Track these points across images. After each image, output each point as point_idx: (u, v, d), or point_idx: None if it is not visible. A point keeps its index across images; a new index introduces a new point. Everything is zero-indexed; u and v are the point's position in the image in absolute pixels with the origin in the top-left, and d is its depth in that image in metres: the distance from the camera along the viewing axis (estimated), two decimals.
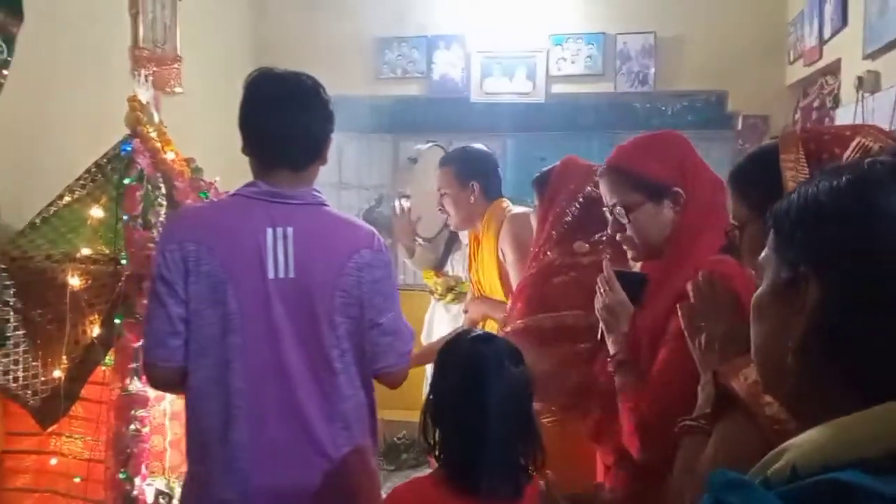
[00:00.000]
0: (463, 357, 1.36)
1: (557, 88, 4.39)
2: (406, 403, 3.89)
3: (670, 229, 1.42)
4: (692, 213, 1.41)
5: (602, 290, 1.43)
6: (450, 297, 3.01)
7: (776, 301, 0.62)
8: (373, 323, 1.57)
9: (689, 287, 1.18)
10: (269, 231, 1.51)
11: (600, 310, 1.44)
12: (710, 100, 4.40)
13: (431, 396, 1.38)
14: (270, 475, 1.48)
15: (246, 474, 1.47)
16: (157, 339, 1.49)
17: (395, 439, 4.14)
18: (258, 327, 1.48)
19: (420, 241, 3.12)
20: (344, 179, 4.86)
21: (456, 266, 3.03)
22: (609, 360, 1.42)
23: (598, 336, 1.49)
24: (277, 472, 1.49)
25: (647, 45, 4.20)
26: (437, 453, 1.36)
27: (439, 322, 3.04)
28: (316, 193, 1.63)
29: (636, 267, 1.53)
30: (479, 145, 2.85)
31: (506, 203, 2.62)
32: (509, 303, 2.18)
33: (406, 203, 3.14)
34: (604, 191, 1.52)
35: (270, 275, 1.49)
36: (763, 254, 0.65)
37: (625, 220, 1.45)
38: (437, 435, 1.36)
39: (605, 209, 1.51)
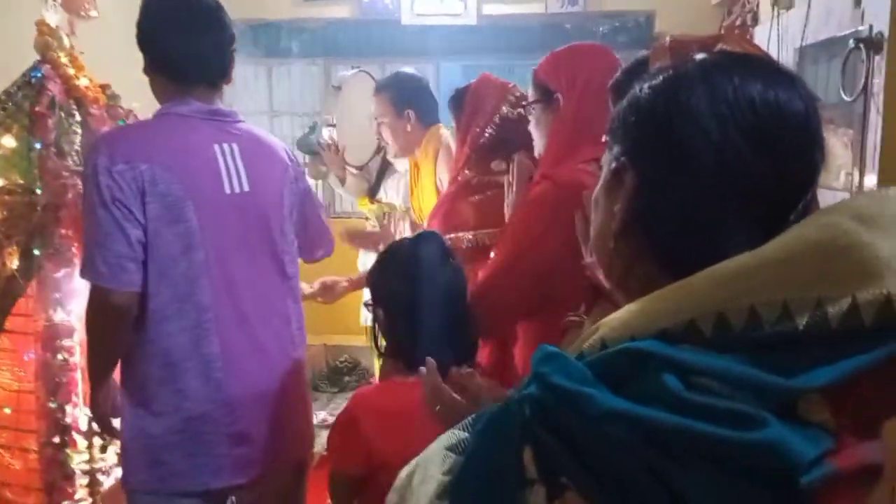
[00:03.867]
0: (406, 255, 1.42)
1: (489, 9, 4.35)
2: (346, 328, 3.99)
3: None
4: (568, 120, 1.46)
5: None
6: (385, 222, 3.04)
7: (605, 193, 0.68)
8: (316, 218, 1.78)
9: (584, 193, 1.24)
10: (217, 147, 1.54)
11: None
12: (639, 20, 4.43)
13: (383, 304, 1.43)
14: (244, 381, 1.54)
15: (221, 383, 1.51)
16: (117, 263, 1.43)
17: (337, 363, 4.23)
18: (219, 242, 1.50)
19: (351, 169, 3.12)
20: (275, 107, 4.78)
21: (389, 192, 3.04)
22: None
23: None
24: (249, 377, 1.55)
25: None
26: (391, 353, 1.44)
27: None
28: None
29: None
30: (410, 70, 2.84)
31: (443, 129, 2.64)
32: (425, 221, 2.22)
33: (333, 132, 3.12)
34: None
35: (227, 190, 1.53)
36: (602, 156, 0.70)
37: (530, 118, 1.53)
38: (391, 340, 1.44)
39: None
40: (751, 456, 0.46)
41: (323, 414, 3.54)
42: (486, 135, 1.89)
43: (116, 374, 1.64)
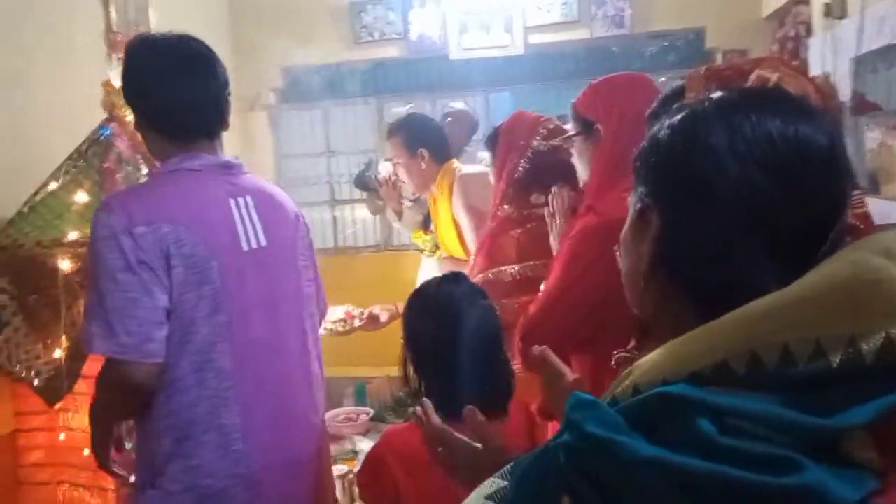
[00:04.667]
0: (433, 298, 1.41)
1: (535, 39, 4.38)
2: None
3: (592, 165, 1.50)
4: (608, 151, 1.46)
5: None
6: (438, 253, 3.08)
7: (632, 234, 0.68)
8: (316, 273, 1.69)
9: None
10: (232, 202, 1.46)
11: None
12: (689, 38, 4.38)
13: (409, 345, 1.43)
14: (265, 452, 1.44)
15: (242, 455, 1.40)
16: (142, 332, 1.30)
17: (400, 394, 4.25)
18: (240, 302, 1.41)
19: (406, 202, 3.18)
20: (332, 147, 4.90)
21: None
22: None
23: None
24: (271, 447, 1.45)
25: None
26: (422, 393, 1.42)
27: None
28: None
29: None
30: (415, 111, 3.00)
31: (455, 164, 2.70)
32: (471, 259, 2.25)
33: (389, 167, 3.19)
34: None
35: (244, 246, 1.44)
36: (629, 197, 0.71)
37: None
38: (420, 380, 1.42)
39: None
40: (789, 502, 0.46)
41: None
42: (521, 169, 1.91)
43: None
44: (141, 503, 1.45)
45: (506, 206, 1.92)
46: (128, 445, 1.65)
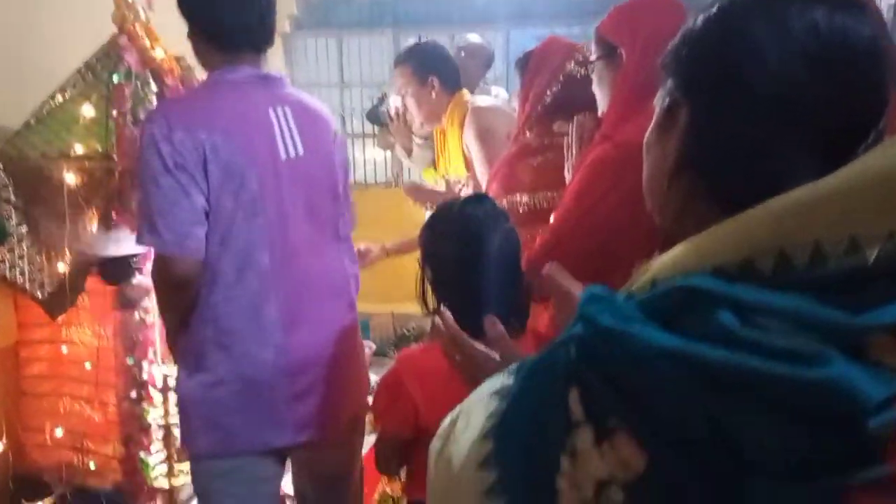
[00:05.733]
0: (456, 218, 1.36)
1: None
2: (413, 297, 4.03)
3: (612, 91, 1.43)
4: (630, 77, 1.39)
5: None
6: None
7: (658, 133, 0.64)
8: (348, 189, 1.75)
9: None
10: (272, 112, 1.53)
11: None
12: None
13: (429, 265, 1.39)
14: (303, 346, 1.54)
15: (281, 349, 1.51)
16: (182, 230, 1.40)
17: (404, 331, 4.27)
18: (278, 208, 1.50)
19: (416, 139, 3.11)
20: (346, 78, 4.81)
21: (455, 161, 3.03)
22: None
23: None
24: (309, 342, 1.55)
25: None
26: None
27: None
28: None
29: None
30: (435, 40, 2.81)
31: (467, 95, 2.59)
32: (484, 184, 2.20)
33: (398, 102, 3.12)
34: None
35: (282, 155, 1.52)
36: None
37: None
38: (438, 301, 1.38)
39: None
40: (812, 395, 0.43)
41: None
42: (549, 94, 1.84)
43: None
44: (189, 386, 1.53)
45: (527, 133, 1.85)
46: None
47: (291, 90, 1.63)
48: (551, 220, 1.54)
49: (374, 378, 3.41)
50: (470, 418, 0.60)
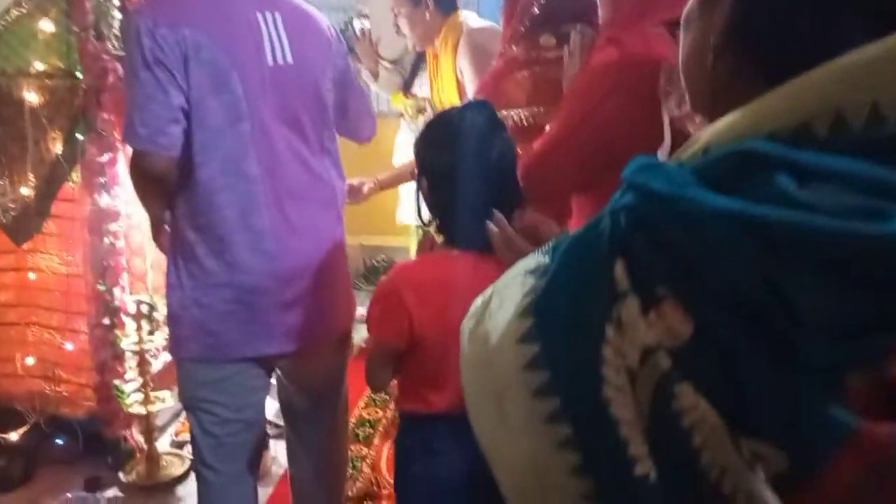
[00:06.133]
0: (456, 125, 1.32)
1: None
2: (383, 228, 3.99)
3: None
4: None
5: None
6: (421, 118, 2.96)
7: (700, 7, 0.62)
8: (357, 98, 1.72)
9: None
10: (260, 16, 1.46)
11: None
12: None
13: (426, 175, 1.36)
14: (293, 253, 1.52)
15: (272, 255, 1.49)
16: (156, 125, 1.37)
17: (374, 262, 4.26)
18: (263, 114, 1.46)
19: (384, 63, 3.03)
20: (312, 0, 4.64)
21: (425, 86, 2.96)
22: None
23: None
24: (299, 250, 1.53)
25: None
26: (436, 224, 1.37)
27: (411, 144, 3.02)
28: None
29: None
30: None
31: (462, 15, 2.52)
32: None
33: (366, 24, 3.01)
34: None
35: (269, 61, 1.46)
36: None
37: None
38: (435, 210, 1.36)
39: None
40: (873, 252, 0.43)
41: (361, 310, 3.56)
42: (536, 7, 1.77)
43: None
44: (181, 292, 1.51)
45: (513, 47, 1.81)
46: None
47: None
48: (546, 130, 1.51)
49: None
50: (504, 297, 0.59)
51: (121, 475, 2.32)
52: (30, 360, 2.27)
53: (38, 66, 2.18)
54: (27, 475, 2.30)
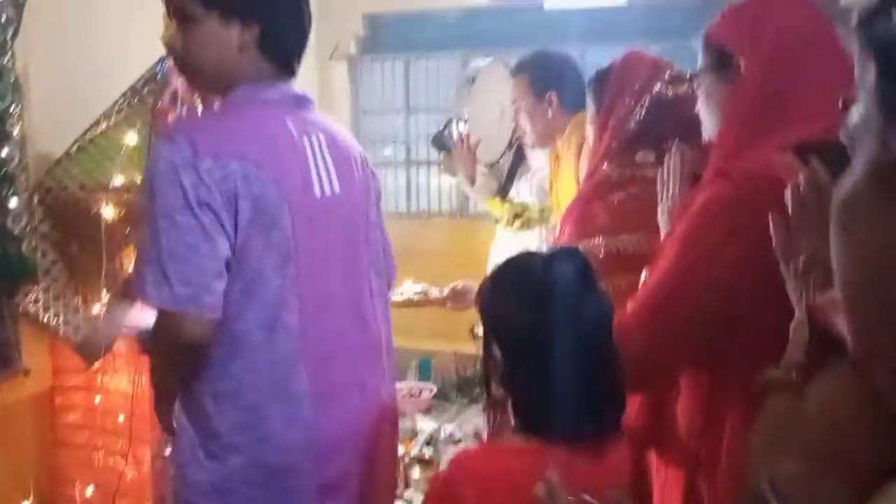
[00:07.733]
0: (535, 277, 1.06)
1: None
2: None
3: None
4: (752, 93, 1.10)
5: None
6: (517, 223, 2.77)
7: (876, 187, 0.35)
8: (383, 235, 1.49)
9: (787, 192, 0.89)
10: (306, 141, 1.28)
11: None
12: None
13: (498, 339, 1.09)
14: (336, 422, 1.29)
15: (310, 426, 1.25)
16: (201, 282, 1.15)
17: (467, 373, 4.01)
18: (311, 255, 1.25)
19: (481, 167, 2.87)
20: (412, 103, 4.61)
21: (522, 191, 2.77)
22: None
23: None
24: (342, 417, 1.30)
25: None
26: (510, 403, 1.09)
27: (507, 252, 2.81)
28: None
29: None
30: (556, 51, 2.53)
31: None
32: (556, 228, 1.91)
33: (464, 128, 2.88)
34: None
35: (317, 192, 1.27)
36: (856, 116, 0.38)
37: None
38: (509, 388, 1.09)
39: None
40: None
41: (450, 427, 3.30)
42: (633, 120, 1.55)
43: None
44: (195, 475, 1.26)
45: (605, 166, 1.56)
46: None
47: (318, 114, 1.38)
48: (643, 276, 1.24)
49: (430, 425, 3.21)
50: None
51: None
52: (89, 490, 2.13)
53: (118, 180, 2.13)
54: None
